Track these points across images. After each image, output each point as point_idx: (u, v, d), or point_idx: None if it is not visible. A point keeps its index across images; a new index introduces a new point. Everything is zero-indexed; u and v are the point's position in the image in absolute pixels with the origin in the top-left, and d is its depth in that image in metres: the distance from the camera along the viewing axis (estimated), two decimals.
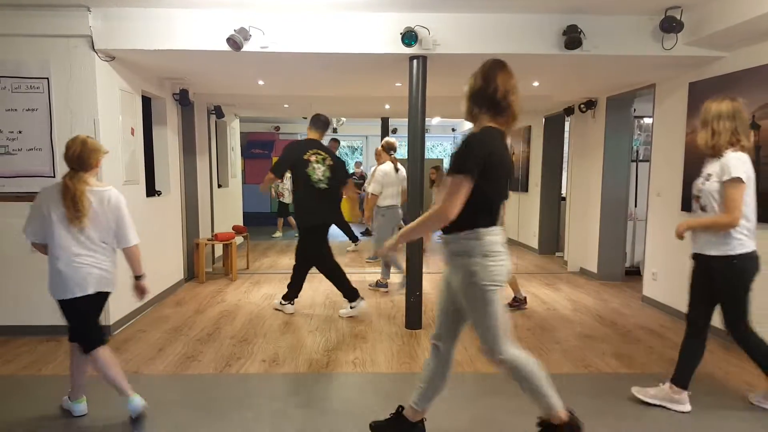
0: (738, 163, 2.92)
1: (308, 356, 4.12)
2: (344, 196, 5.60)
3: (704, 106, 3.13)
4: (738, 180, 2.89)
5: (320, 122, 5.28)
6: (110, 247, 3.04)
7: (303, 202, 5.14)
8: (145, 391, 3.49)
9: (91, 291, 2.96)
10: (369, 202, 6.31)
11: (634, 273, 6.93)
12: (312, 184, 5.03)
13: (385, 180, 6.21)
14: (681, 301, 5.14)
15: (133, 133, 5.07)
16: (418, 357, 4.12)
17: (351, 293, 5.17)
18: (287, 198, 10.10)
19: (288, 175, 5.55)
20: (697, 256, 3.17)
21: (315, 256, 5.21)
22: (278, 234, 11.04)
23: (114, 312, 4.62)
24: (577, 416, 2.61)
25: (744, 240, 2.99)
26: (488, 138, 2.42)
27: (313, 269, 5.26)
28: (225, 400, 3.33)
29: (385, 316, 5.20)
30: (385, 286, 6.32)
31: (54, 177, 4.40)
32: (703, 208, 3.08)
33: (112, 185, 3.15)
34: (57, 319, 4.44)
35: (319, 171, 5.03)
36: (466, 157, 2.35)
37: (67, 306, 2.98)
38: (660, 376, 3.76)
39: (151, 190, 5.73)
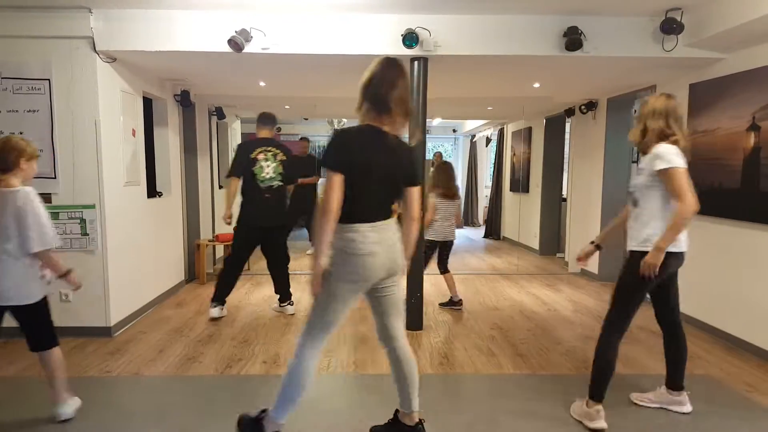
0: (671, 151, 2.85)
1: None
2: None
3: (643, 100, 3.09)
4: (674, 168, 2.82)
5: (264, 118, 5.23)
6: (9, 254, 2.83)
7: (246, 202, 5.08)
8: (146, 393, 3.51)
9: None
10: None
11: None
12: (257, 183, 4.98)
13: None
14: (682, 302, 5.14)
15: (134, 135, 5.08)
16: (418, 358, 4.12)
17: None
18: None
19: None
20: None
21: (235, 259, 5.20)
22: None
23: (114, 313, 4.64)
24: None
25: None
26: (352, 136, 2.50)
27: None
28: (226, 401, 3.34)
29: None
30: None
31: (55, 178, 4.41)
32: (635, 203, 3.06)
33: (118, 187, 3.10)
34: (56, 320, 4.48)
35: (268, 168, 4.98)
36: (328, 152, 2.45)
37: None
38: (660, 377, 3.77)
39: (152, 191, 5.74)
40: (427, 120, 4.94)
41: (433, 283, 6.65)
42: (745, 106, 4.25)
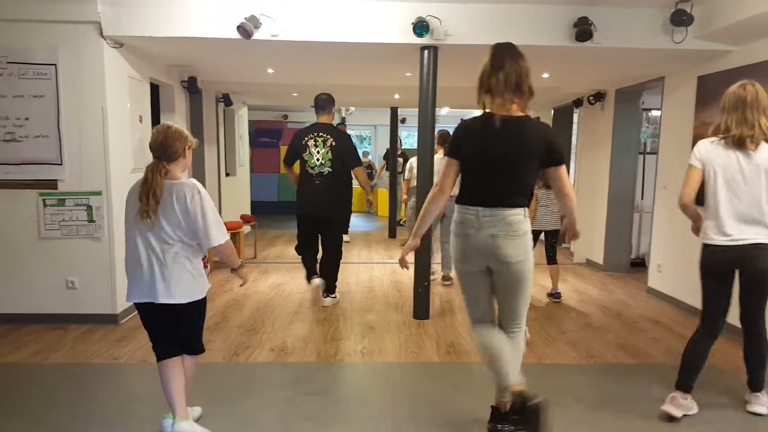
0: None
1: (316, 345, 4.14)
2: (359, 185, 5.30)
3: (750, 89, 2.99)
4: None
5: (321, 102, 5.05)
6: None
7: (298, 189, 5.06)
8: (154, 380, 3.52)
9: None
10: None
11: (640, 265, 6.92)
12: (307, 169, 4.92)
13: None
14: (685, 293, 5.18)
15: (141, 121, 5.07)
16: (425, 347, 4.13)
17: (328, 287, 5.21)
18: None
19: None
20: None
21: (299, 245, 5.20)
22: None
23: (121, 300, 4.64)
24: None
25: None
26: (461, 126, 2.72)
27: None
28: (233, 388, 3.35)
29: (393, 306, 5.21)
30: (449, 279, 6.10)
31: (61, 164, 4.41)
32: None
33: (125, 173, 3.00)
34: (63, 307, 4.53)
35: (317, 154, 4.87)
36: (449, 141, 2.71)
37: None
38: (664, 368, 3.78)
39: None
40: (436, 109, 4.92)
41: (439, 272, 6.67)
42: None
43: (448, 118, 14.00)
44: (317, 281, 5.12)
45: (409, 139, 14.62)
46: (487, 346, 2.72)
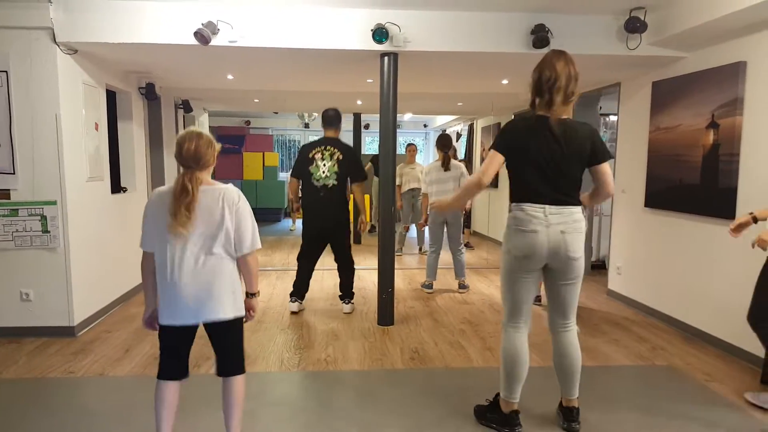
0: None
1: (279, 355, 4.10)
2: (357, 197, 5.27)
3: None
4: None
5: (327, 118, 5.13)
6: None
7: (304, 202, 5.11)
8: (113, 393, 3.45)
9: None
10: (423, 201, 6.22)
11: (600, 267, 7.07)
12: (312, 182, 4.97)
13: (428, 178, 5.98)
14: (644, 295, 5.31)
15: (97, 128, 4.95)
16: (389, 353, 4.14)
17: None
18: None
19: None
20: None
21: (300, 254, 5.23)
22: (293, 228, 11.07)
23: (78, 312, 4.53)
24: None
25: None
26: (512, 123, 2.86)
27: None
28: (195, 400, 3.29)
29: (358, 313, 5.20)
30: (430, 287, 6.14)
31: (13, 174, 4.28)
32: None
33: (80, 182, 2.88)
34: (17, 320, 4.40)
35: (323, 167, 4.93)
36: (497, 137, 2.82)
37: None
38: (623, 369, 3.86)
39: (117, 187, 5.61)
40: (398, 115, 4.94)
41: (403, 278, 6.69)
42: (705, 104, 4.36)
43: (411, 123, 14.09)
44: (294, 308, 5.16)
45: (373, 144, 14.65)
46: (515, 360, 2.87)
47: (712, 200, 4.31)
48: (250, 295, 2.62)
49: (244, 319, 2.62)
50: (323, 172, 4.93)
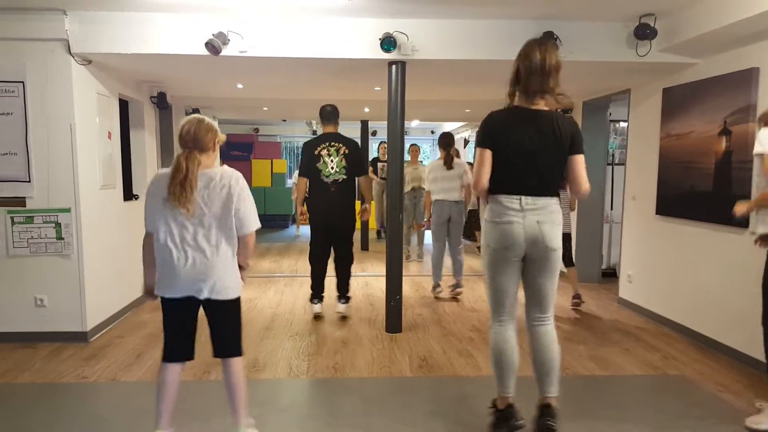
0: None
1: (288, 361, 4.12)
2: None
3: None
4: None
5: (326, 114, 5.16)
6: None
7: (312, 199, 5.12)
8: (124, 399, 3.49)
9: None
10: (426, 200, 6.23)
11: (611, 275, 7.02)
12: (322, 179, 5.00)
13: (431, 176, 6.02)
14: (656, 303, 5.28)
15: (110, 137, 5.02)
16: (398, 361, 4.14)
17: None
18: None
19: None
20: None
21: (311, 253, 5.24)
22: (299, 234, 11.08)
23: (91, 318, 4.58)
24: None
25: None
26: (489, 116, 2.81)
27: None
28: (205, 406, 3.32)
29: (366, 320, 5.21)
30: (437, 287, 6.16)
31: (29, 182, 4.35)
32: None
33: (94, 190, 2.94)
34: (32, 325, 4.46)
35: (331, 163, 4.96)
36: (477, 133, 2.81)
37: None
38: (635, 379, 3.83)
39: (129, 194, 5.68)
40: (406, 122, 4.97)
41: (411, 284, 6.69)
42: (717, 110, 4.34)
43: (418, 130, 14.13)
44: (317, 309, 5.17)
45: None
46: (501, 351, 2.84)
47: (725, 208, 4.27)
48: (240, 268, 2.71)
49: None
50: (332, 168, 4.97)
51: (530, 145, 2.66)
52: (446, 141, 6.00)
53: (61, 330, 4.49)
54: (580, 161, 2.73)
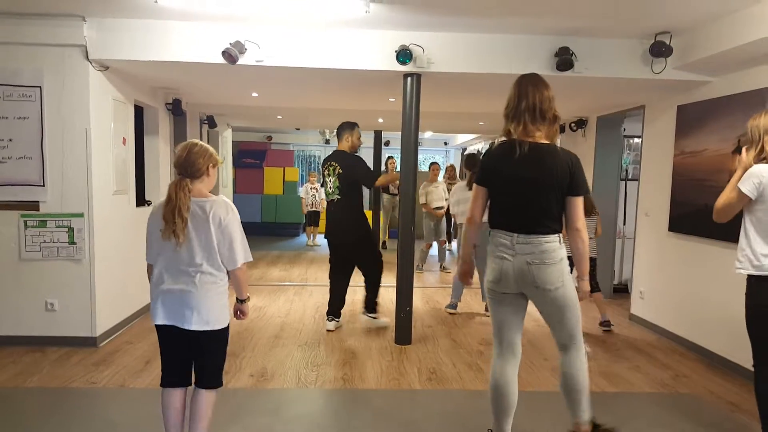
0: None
1: (297, 371, 4.11)
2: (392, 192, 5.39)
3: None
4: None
5: (338, 129, 5.16)
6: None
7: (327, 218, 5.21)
8: (132, 405, 3.48)
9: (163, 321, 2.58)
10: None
11: (622, 291, 6.96)
12: (326, 198, 5.13)
13: (453, 198, 5.99)
14: (668, 320, 5.23)
15: (124, 143, 5.06)
16: (407, 373, 4.12)
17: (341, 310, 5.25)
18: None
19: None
20: None
21: (330, 270, 5.27)
22: (311, 243, 11.03)
23: (101, 323, 4.59)
24: None
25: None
26: (487, 151, 2.84)
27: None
28: (223, 414, 3.30)
29: (375, 332, 5.19)
30: (454, 307, 6.00)
31: (43, 186, 4.38)
32: None
33: (107, 195, 2.95)
34: (42, 329, 4.47)
35: (330, 183, 5.02)
36: (479, 169, 2.79)
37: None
38: (645, 397, 3.79)
39: (141, 200, 5.71)
40: (419, 133, 4.97)
41: (421, 296, 6.67)
42: (731, 128, 4.31)
43: (431, 141, 14.15)
44: (330, 327, 5.16)
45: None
46: (500, 391, 2.78)
47: (738, 226, 4.23)
48: (240, 300, 2.73)
49: (237, 318, 2.78)
50: (330, 187, 5.02)
51: (524, 182, 2.60)
52: (472, 161, 5.95)
53: (70, 335, 4.50)
54: (578, 203, 2.64)
